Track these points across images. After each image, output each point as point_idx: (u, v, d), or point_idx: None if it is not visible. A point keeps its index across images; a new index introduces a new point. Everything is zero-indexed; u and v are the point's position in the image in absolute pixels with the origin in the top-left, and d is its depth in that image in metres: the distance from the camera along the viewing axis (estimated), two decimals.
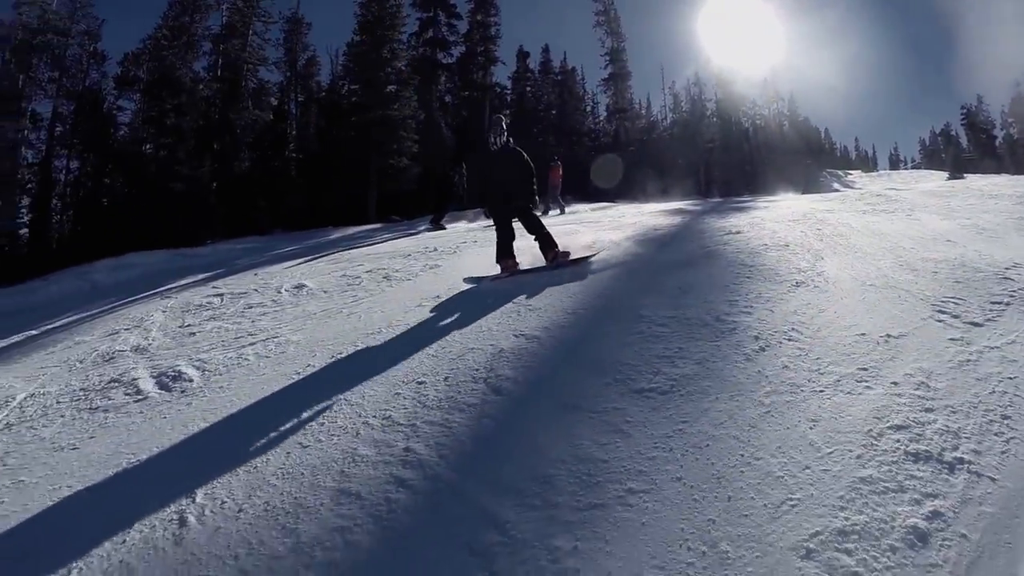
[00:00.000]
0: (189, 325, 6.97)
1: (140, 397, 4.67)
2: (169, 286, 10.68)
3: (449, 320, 4.85)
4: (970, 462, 2.52)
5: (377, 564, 2.25)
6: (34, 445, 4.13)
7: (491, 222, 7.14)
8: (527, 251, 6.78)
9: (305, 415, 3.50)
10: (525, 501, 2.34)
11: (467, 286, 6.20)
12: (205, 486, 2.95)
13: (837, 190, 25.00)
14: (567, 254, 6.44)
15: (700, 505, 2.21)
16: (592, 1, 37.07)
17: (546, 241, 6.58)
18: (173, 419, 4.02)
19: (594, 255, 6.40)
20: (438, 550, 2.21)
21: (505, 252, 6.65)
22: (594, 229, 8.37)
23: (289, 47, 33.13)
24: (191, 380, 4.81)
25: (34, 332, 9.57)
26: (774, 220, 7.17)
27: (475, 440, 2.89)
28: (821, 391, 2.93)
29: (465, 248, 8.42)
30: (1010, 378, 3.34)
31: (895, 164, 57.94)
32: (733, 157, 33.31)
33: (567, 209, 16.32)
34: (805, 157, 34.55)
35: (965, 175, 25.43)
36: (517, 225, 6.83)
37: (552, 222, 10.67)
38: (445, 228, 12.59)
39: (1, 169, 29.47)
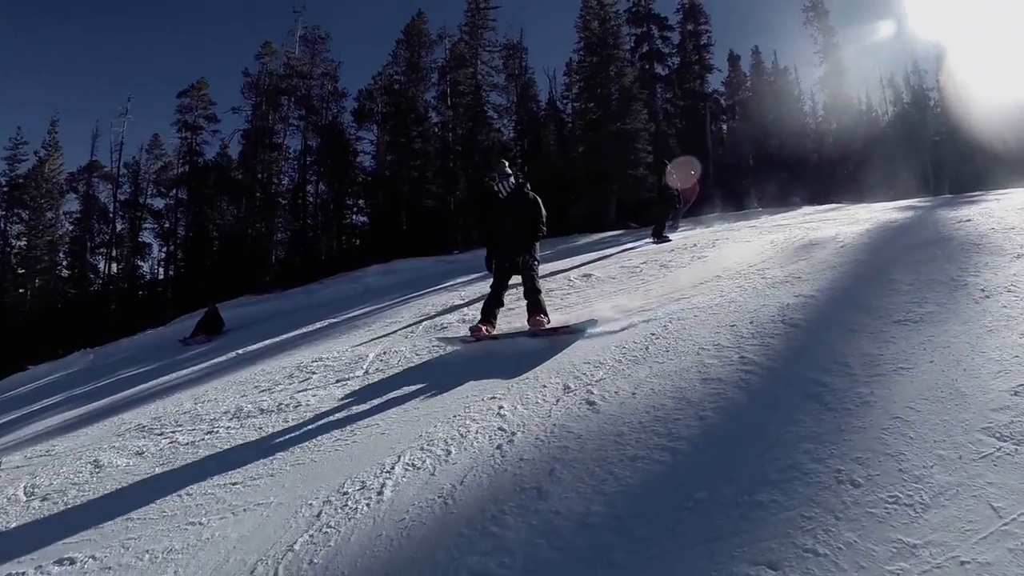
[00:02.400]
0: None
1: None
2: (450, 283, 12.43)
3: (734, 290, 6.25)
4: None
5: (747, 405, 3.77)
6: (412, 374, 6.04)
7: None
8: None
9: (650, 347, 5.10)
10: (833, 373, 3.88)
11: (742, 267, 7.17)
12: (595, 385, 4.58)
13: None
14: (542, 324, 6.38)
15: (945, 374, 3.64)
16: None
17: (535, 306, 6.57)
18: None
19: (573, 326, 6.14)
20: (785, 396, 3.75)
21: (485, 316, 6.78)
22: (834, 225, 9.24)
23: (510, 72, 35.56)
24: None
25: (335, 320, 11.68)
26: (1003, 210, 7.80)
27: (789, 350, 4.46)
28: None
29: (720, 243, 9.59)
30: None
31: None
32: (962, 150, 30.95)
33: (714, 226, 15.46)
34: None
35: None
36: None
37: (789, 219, 11.61)
38: (670, 239, 12.34)
39: (264, 195, 34.34)
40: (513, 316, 7.55)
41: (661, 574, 2.54)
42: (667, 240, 12.27)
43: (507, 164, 7.09)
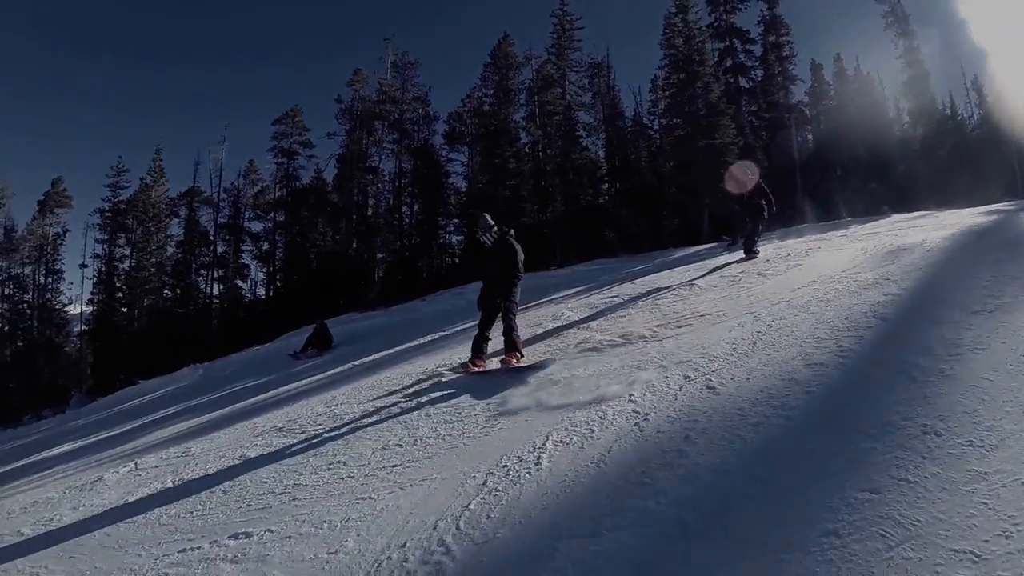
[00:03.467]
0: (599, 312, 9.45)
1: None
2: (553, 296, 12.69)
3: (829, 292, 6.94)
4: None
5: (846, 382, 4.53)
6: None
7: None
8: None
9: (757, 342, 5.84)
10: (919, 355, 4.61)
11: (835, 272, 7.74)
12: (713, 374, 5.28)
13: None
14: (510, 363, 6.98)
15: (1014, 352, 4.34)
16: (876, 3, 36.16)
17: (509, 346, 7.19)
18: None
19: (535, 364, 6.86)
20: (878, 373, 4.51)
21: (474, 351, 7.39)
22: (922, 231, 9.72)
23: (596, 90, 36.24)
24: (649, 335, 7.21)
25: (446, 332, 11.89)
26: None
27: (880, 339, 5.23)
28: None
29: (813, 252, 10.17)
30: None
31: None
32: None
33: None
34: None
35: None
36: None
37: (878, 227, 11.99)
38: (758, 254, 11.87)
39: (359, 216, 35.85)
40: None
41: (788, 501, 3.34)
42: (756, 254, 11.86)
43: (489, 216, 7.64)
